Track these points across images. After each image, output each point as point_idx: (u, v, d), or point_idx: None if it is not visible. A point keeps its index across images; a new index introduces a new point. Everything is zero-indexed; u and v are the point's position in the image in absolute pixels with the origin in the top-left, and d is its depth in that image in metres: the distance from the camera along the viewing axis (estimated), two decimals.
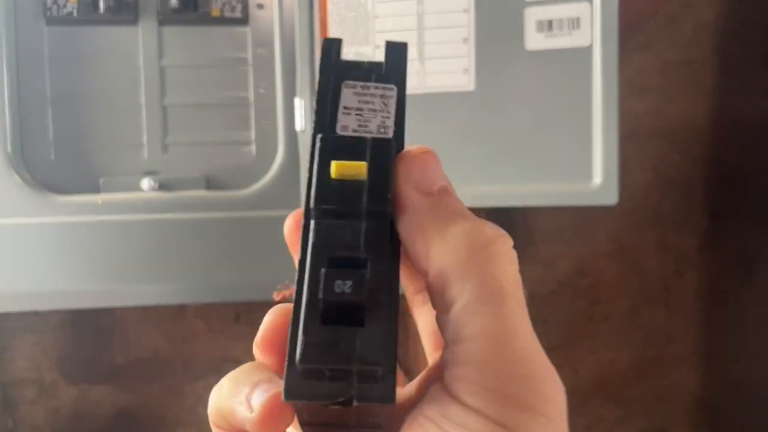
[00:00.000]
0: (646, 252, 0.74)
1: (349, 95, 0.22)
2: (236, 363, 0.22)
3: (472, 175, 0.51)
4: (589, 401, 0.76)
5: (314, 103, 0.23)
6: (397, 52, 0.23)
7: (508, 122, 0.51)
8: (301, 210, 0.22)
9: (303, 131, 0.53)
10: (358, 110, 0.22)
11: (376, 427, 0.20)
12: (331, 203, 0.20)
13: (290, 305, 0.22)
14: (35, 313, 0.63)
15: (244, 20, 0.56)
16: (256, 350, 0.22)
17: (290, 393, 0.18)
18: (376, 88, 0.23)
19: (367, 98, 0.23)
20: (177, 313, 0.65)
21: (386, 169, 0.21)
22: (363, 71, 0.23)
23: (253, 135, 0.56)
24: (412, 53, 0.51)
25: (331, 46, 0.23)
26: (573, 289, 0.74)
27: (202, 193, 0.55)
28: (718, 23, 0.70)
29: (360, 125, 0.22)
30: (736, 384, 0.77)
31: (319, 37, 0.52)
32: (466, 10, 0.51)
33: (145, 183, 0.55)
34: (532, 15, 0.50)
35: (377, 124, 0.22)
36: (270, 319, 0.22)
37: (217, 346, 0.64)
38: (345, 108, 0.22)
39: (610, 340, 0.76)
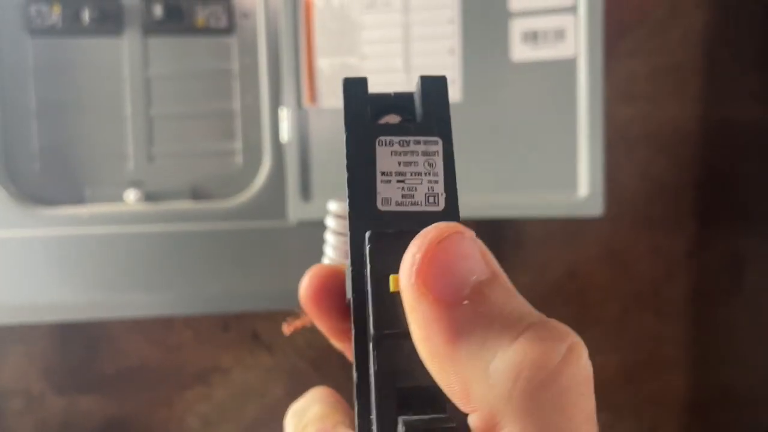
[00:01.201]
0: (636, 256, 0.74)
1: (385, 156, 0.18)
2: (225, 373, 0.22)
3: (457, 185, 0.51)
4: None
5: (345, 167, 0.19)
6: (435, 89, 0.19)
7: (493, 133, 0.51)
8: (319, 269, 0.20)
9: (289, 142, 0.52)
10: (399, 175, 0.18)
11: None
12: (395, 327, 0.17)
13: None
14: (22, 323, 0.63)
15: (229, 30, 0.56)
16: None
17: None
18: (417, 142, 0.19)
19: (408, 157, 0.19)
20: (165, 322, 0.64)
21: None
22: (395, 109, 0.19)
23: (239, 145, 0.56)
24: (396, 64, 0.51)
25: (354, 89, 0.19)
26: (563, 294, 0.74)
27: (188, 203, 0.55)
28: (707, 28, 0.70)
29: (404, 196, 0.18)
30: (726, 387, 0.77)
31: (304, 45, 0.52)
32: (451, 22, 0.50)
33: (131, 194, 0.55)
34: (518, 26, 0.50)
35: (424, 193, 0.19)
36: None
37: (207, 355, 0.64)
38: (383, 174, 0.18)
39: (601, 345, 0.76)
